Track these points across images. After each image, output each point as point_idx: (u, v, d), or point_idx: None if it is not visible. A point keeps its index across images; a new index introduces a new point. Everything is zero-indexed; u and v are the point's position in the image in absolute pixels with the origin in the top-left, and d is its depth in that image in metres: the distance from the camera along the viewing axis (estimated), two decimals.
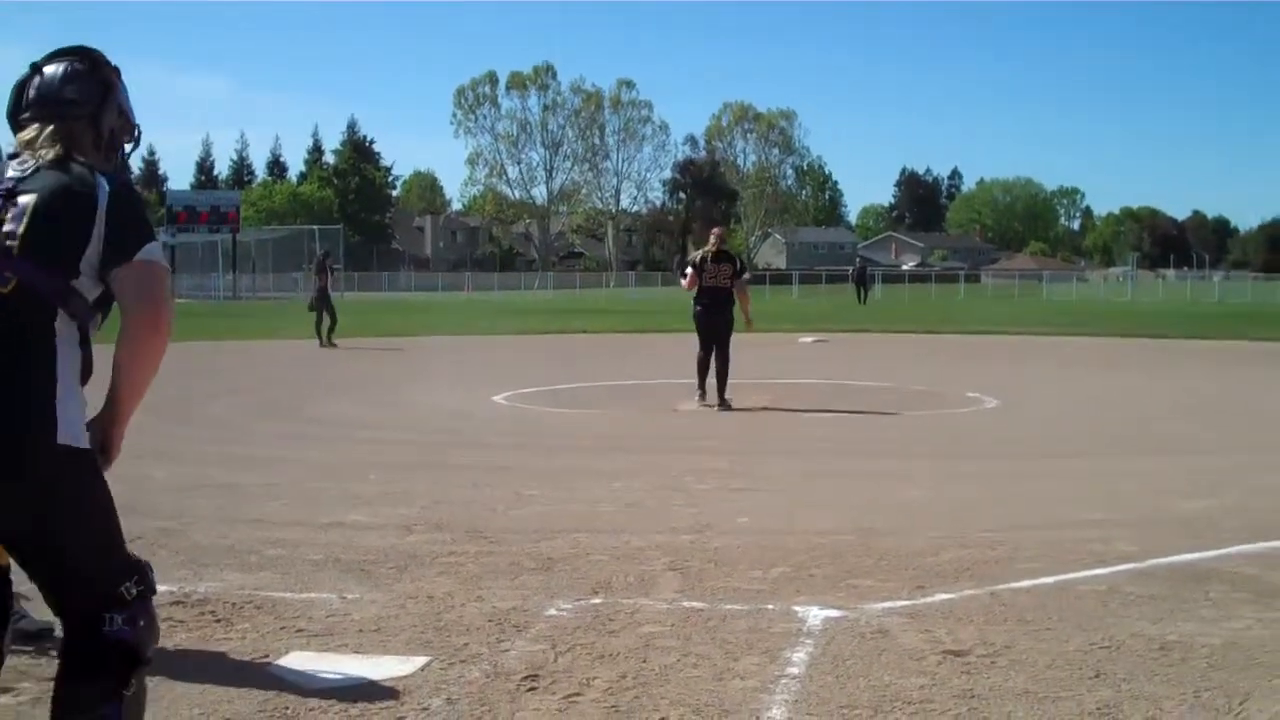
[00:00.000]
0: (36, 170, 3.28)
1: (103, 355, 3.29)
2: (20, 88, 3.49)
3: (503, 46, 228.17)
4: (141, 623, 3.26)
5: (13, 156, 3.39)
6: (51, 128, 3.38)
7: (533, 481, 9.55)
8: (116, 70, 3.57)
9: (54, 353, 3.15)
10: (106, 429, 3.33)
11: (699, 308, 15.18)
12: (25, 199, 3.22)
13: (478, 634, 5.46)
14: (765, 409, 15.22)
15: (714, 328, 15.00)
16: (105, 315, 3.33)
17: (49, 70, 3.48)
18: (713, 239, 15.54)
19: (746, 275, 15.75)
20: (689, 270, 15.32)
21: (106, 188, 3.27)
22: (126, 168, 3.61)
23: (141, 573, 3.29)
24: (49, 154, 3.31)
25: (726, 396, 14.86)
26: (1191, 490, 9.30)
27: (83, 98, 3.45)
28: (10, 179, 3.28)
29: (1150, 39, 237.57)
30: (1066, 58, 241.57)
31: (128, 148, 3.61)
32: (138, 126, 3.62)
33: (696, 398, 15.08)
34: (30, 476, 3.06)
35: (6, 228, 3.18)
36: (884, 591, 6.20)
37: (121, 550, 3.29)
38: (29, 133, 3.40)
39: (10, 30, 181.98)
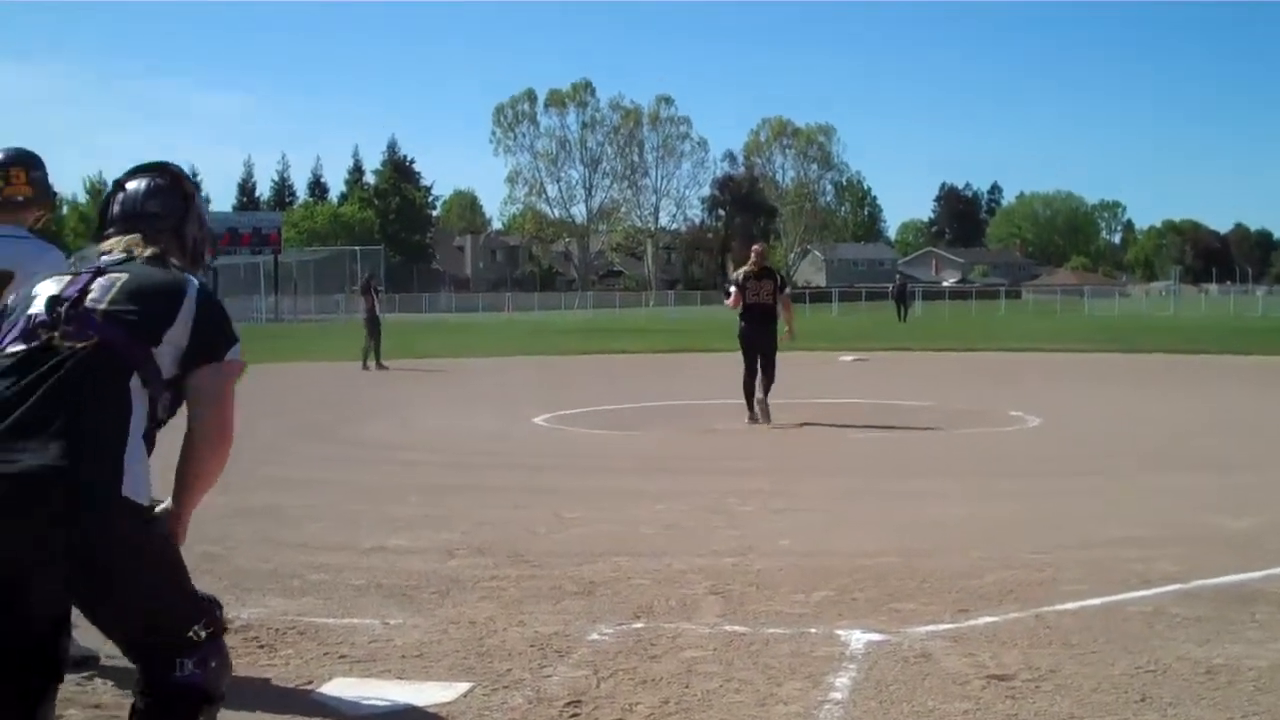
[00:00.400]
0: (130, 259, 3.41)
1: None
2: (105, 204, 3.64)
3: (541, 64, 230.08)
4: (213, 664, 3.29)
5: (103, 253, 3.51)
6: (138, 235, 3.51)
7: (573, 504, 9.56)
8: (196, 185, 3.75)
9: (128, 411, 3.20)
10: (174, 517, 3.42)
11: (744, 324, 15.46)
12: (114, 275, 3.34)
13: (520, 659, 5.46)
14: (805, 424, 15.27)
15: (759, 343, 15.29)
16: (175, 406, 3.40)
17: (131, 186, 3.63)
18: (754, 256, 15.96)
19: (787, 290, 16.03)
20: (732, 290, 15.74)
21: (196, 285, 3.41)
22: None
23: (211, 615, 3.32)
24: (144, 251, 3.45)
25: (769, 403, 15.05)
26: (1229, 508, 9.17)
27: (165, 210, 3.60)
28: (101, 261, 3.41)
29: (1192, 51, 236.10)
30: (1107, 70, 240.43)
31: (208, 257, 3.75)
32: (216, 237, 3.76)
33: (747, 418, 15.19)
34: (94, 523, 3.06)
35: (92, 294, 3.29)
36: (927, 615, 6.16)
37: (189, 597, 3.31)
38: (116, 241, 3.52)
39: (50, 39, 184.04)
